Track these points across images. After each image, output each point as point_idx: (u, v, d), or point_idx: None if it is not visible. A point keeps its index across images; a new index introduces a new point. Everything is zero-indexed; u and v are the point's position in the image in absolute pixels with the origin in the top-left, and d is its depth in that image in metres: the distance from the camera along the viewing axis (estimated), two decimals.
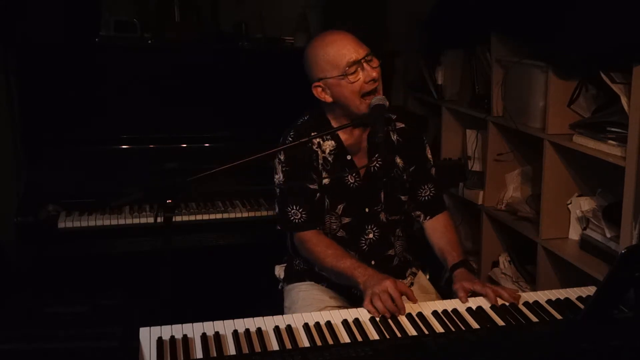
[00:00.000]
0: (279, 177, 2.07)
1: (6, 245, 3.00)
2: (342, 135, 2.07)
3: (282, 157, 2.04)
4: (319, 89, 2.02)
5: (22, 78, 2.96)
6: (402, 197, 2.15)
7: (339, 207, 2.07)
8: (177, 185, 1.61)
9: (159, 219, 1.61)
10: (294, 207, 2.02)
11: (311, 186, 2.03)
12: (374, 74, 1.96)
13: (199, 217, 2.84)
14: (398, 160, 2.13)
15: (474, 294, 1.86)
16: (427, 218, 2.17)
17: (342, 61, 1.94)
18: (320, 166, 2.05)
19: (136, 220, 2.76)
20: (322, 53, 1.97)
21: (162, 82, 3.04)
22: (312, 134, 2.01)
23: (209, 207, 2.90)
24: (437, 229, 2.15)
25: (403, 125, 2.16)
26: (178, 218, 2.77)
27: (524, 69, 2.84)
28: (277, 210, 2.10)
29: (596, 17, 2.38)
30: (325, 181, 2.05)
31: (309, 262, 2.16)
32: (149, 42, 3.21)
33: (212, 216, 2.86)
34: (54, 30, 3.04)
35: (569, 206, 2.73)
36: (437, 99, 3.62)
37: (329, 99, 2.01)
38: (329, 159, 2.06)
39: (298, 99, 2.11)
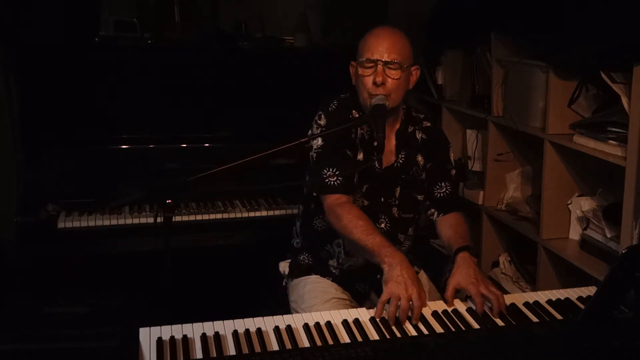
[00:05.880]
0: (317, 142, 2.06)
1: (6, 245, 2.99)
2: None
3: (321, 122, 2.07)
4: (352, 68, 2.09)
5: (22, 78, 2.96)
6: (418, 197, 2.16)
7: (364, 186, 2.09)
8: (177, 185, 1.61)
9: (159, 219, 1.61)
10: (331, 170, 2.01)
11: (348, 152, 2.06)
12: (379, 79, 1.95)
13: (199, 217, 2.84)
14: (419, 158, 2.15)
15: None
16: (440, 215, 2.17)
17: (367, 53, 1.99)
18: (357, 140, 2.08)
19: (136, 220, 2.77)
20: (365, 38, 2.04)
21: (161, 82, 3.04)
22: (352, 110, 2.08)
23: (209, 207, 2.90)
24: (449, 222, 2.14)
25: (429, 124, 2.19)
26: (178, 218, 2.77)
27: (524, 69, 2.84)
28: (310, 176, 2.10)
29: (596, 17, 2.38)
30: (360, 156, 2.07)
31: (315, 257, 2.17)
32: (149, 42, 3.21)
33: (212, 216, 2.86)
34: (53, 30, 3.04)
35: (569, 206, 2.73)
36: (437, 98, 3.62)
37: (353, 79, 2.09)
38: (366, 136, 2.09)
39: (298, 99, 2.12)
